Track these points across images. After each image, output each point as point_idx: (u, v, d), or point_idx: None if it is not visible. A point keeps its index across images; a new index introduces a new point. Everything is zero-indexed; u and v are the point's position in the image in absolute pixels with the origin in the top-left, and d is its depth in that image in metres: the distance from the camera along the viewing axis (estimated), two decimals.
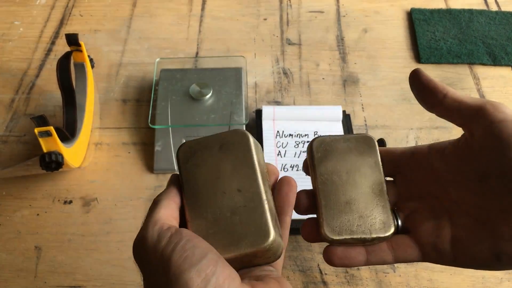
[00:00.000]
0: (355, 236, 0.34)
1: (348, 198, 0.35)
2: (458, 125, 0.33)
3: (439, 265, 0.55)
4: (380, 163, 0.37)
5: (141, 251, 0.30)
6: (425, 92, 0.34)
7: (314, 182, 0.37)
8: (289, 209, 0.35)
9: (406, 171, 0.37)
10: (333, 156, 0.37)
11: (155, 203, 0.33)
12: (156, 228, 0.30)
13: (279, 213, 0.35)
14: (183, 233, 0.30)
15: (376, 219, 0.34)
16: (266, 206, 0.32)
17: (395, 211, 0.36)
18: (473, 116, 0.32)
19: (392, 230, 0.34)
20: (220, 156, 0.34)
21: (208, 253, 0.29)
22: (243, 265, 0.33)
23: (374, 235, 0.34)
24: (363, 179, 0.36)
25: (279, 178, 0.36)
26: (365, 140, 0.37)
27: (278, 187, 0.35)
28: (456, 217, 0.33)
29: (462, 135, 0.33)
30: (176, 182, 0.35)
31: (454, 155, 0.33)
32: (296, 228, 0.57)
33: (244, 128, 0.66)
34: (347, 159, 0.36)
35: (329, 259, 0.34)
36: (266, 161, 0.36)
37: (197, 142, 0.35)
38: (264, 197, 0.32)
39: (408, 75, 0.35)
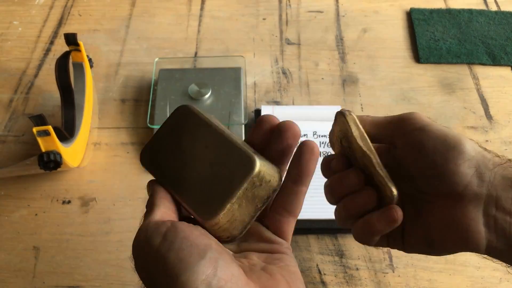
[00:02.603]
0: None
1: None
2: (385, 143, 0.37)
3: (438, 265, 0.55)
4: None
5: (137, 250, 0.30)
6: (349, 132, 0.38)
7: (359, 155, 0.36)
8: (307, 179, 0.34)
9: None
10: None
11: (149, 206, 0.32)
12: (151, 225, 0.29)
13: (294, 181, 0.34)
14: (178, 228, 0.28)
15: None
16: (237, 142, 0.32)
17: None
18: (394, 129, 0.36)
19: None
20: (176, 137, 0.34)
21: (207, 252, 0.27)
22: (256, 204, 0.32)
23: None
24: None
25: (299, 141, 0.34)
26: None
27: (298, 152, 0.33)
28: (405, 205, 0.36)
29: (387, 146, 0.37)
30: (157, 184, 0.34)
31: (387, 159, 0.36)
32: (295, 229, 0.57)
33: (244, 128, 0.66)
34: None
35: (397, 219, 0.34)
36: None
37: (151, 142, 0.35)
38: (230, 138, 0.33)
39: (407, 75, 0.37)
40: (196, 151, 0.33)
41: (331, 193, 0.38)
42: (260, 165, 0.31)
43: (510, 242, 0.32)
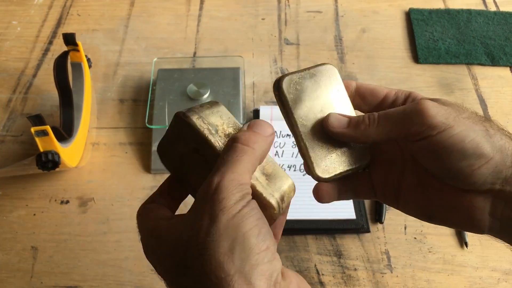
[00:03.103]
0: (342, 171, 0.35)
1: (328, 136, 0.36)
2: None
3: (436, 265, 0.55)
4: (347, 94, 0.37)
5: (217, 202, 0.28)
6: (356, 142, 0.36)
7: (293, 126, 0.35)
8: None
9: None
10: (305, 95, 0.36)
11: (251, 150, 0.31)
12: (240, 189, 0.28)
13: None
14: (255, 202, 0.29)
15: (356, 151, 0.36)
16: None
17: None
18: (404, 130, 0.33)
19: (368, 158, 0.36)
20: (178, 148, 0.34)
21: (270, 229, 0.29)
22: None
23: (355, 165, 0.36)
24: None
25: None
26: (329, 71, 0.37)
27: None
28: (407, 172, 0.36)
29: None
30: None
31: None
32: (293, 229, 0.57)
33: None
34: (319, 95, 0.36)
35: (321, 197, 0.36)
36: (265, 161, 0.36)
37: (163, 139, 0.36)
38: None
39: (406, 75, 0.36)
40: (195, 167, 0.33)
41: None
42: (277, 207, 0.32)
43: None
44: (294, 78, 0.35)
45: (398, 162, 0.37)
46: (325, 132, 0.35)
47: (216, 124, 0.33)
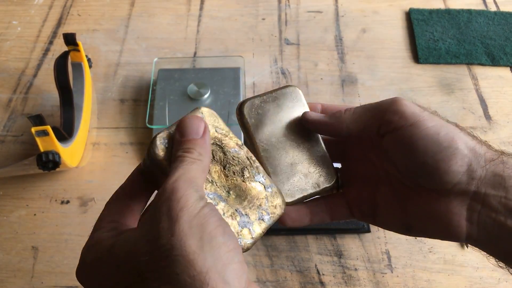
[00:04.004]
0: (306, 194, 0.35)
1: (291, 160, 0.36)
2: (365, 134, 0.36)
3: (436, 265, 0.55)
4: None
5: (174, 205, 0.27)
6: (331, 135, 0.37)
7: (254, 151, 0.35)
8: None
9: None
10: (266, 119, 0.36)
11: (197, 162, 0.30)
12: (198, 189, 0.28)
13: None
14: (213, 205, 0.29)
15: (321, 172, 0.36)
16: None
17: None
18: (377, 122, 0.34)
19: (335, 178, 0.37)
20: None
21: (235, 236, 0.29)
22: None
23: (322, 187, 0.36)
24: (301, 136, 0.37)
25: None
26: (292, 93, 0.37)
27: None
28: (381, 186, 0.36)
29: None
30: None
31: (377, 142, 0.36)
32: (293, 229, 0.57)
33: None
34: (281, 119, 0.36)
35: (283, 221, 0.36)
36: None
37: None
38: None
39: (406, 75, 0.36)
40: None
41: None
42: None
43: (491, 236, 0.32)
44: (256, 102, 0.36)
45: (372, 178, 0.37)
46: (288, 157, 0.36)
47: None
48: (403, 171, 0.34)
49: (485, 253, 0.33)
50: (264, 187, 0.32)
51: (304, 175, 0.36)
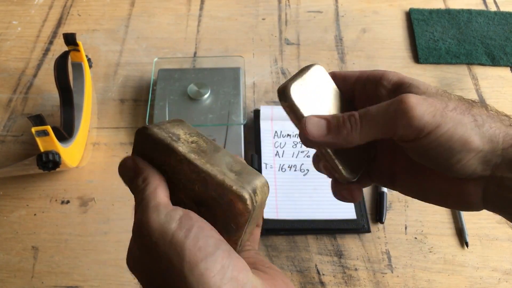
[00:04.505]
0: (363, 166, 0.36)
1: None
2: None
3: (437, 265, 0.55)
4: (338, 90, 0.37)
5: (146, 235, 0.28)
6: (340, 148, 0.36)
7: None
8: None
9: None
10: (309, 99, 0.35)
11: (147, 185, 0.31)
12: (162, 209, 0.28)
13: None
14: (193, 217, 0.28)
15: (363, 147, 0.35)
16: (214, 173, 0.31)
17: None
18: (386, 136, 0.32)
19: (375, 146, 0.37)
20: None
21: (221, 244, 0.28)
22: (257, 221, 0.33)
23: (369, 156, 0.37)
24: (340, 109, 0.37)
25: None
26: (318, 71, 0.36)
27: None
28: (399, 157, 0.36)
29: None
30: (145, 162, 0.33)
31: None
32: (293, 229, 0.57)
33: (242, 128, 0.66)
34: (320, 98, 0.35)
35: (357, 197, 0.36)
36: (264, 161, 0.35)
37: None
38: (207, 167, 0.31)
39: (407, 75, 0.35)
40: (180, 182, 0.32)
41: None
42: (249, 198, 0.30)
43: (507, 213, 0.32)
44: (296, 85, 0.34)
45: (389, 148, 0.37)
46: None
47: (178, 133, 0.32)
48: (418, 163, 0.34)
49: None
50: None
51: (356, 150, 0.35)
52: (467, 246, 0.57)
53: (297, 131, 0.66)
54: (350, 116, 0.32)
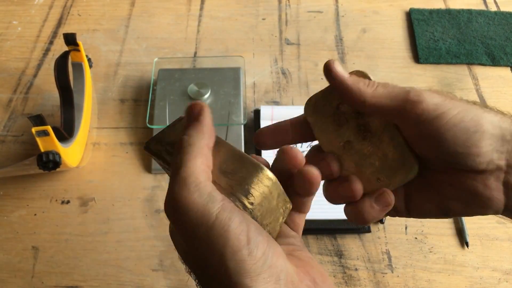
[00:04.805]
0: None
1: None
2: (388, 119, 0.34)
3: (437, 265, 0.55)
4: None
5: (183, 215, 0.26)
6: (346, 101, 0.34)
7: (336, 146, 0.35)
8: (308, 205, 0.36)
9: None
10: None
11: (191, 146, 0.28)
12: (203, 187, 0.27)
13: (301, 195, 0.34)
14: (231, 204, 0.27)
15: (376, 169, 0.35)
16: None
17: None
18: (398, 114, 0.33)
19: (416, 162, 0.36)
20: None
21: (262, 231, 0.27)
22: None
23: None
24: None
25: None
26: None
27: (298, 182, 0.33)
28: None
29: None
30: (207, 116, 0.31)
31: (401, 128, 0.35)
32: None
33: (243, 129, 0.66)
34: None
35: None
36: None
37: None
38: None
39: (407, 75, 0.36)
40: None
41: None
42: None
43: None
44: (313, 100, 0.35)
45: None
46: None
47: (175, 140, 0.32)
48: (432, 159, 0.33)
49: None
50: None
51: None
52: (467, 246, 0.57)
53: None
54: (370, 81, 0.33)
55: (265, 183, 0.30)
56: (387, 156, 0.34)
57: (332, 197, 0.36)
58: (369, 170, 0.34)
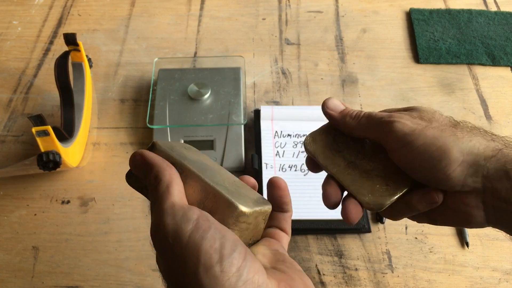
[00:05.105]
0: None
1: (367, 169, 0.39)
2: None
3: (437, 265, 0.55)
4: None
5: (162, 238, 0.28)
6: (341, 128, 0.40)
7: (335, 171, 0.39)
8: (288, 206, 0.37)
9: None
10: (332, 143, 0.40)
11: (159, 183, 0.30)
12: (177, 209, 0.28)
13: (281, 210, 0.37)
14: (209, 218, 0.28)
15: (383, 178, 0.38)
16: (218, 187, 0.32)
17: None
18: (378, 140, 0.37)
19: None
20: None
21: (238, 246, 0.28)
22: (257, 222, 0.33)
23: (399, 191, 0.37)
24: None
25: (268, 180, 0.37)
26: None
27: (269, 191, 0.37)
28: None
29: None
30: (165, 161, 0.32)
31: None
32: (294, 229, 0.57)
33: (243, 128, 0.66)
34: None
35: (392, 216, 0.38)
36: (265, 161, 0.36)
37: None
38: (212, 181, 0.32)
39: (407, 75, 0.37)
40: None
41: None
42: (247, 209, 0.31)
43: (509, 223, 0.34)
44: (312, 136, 0.41)
45: None
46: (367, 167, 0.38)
47: (184, 153, 0.34)
48: (414, 176, 0.36)
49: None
50: None
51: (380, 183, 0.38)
52: (467, 246, 0.57)
53: (297, 132, 0.66)
54: (360, 111, 0.39)
55: (242, 220, 0.31)
56: (387, 166, 0.37)
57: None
58: (377, 180, 0.37)
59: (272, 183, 0.36)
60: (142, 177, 0.32)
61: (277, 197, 0.36)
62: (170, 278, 0.28)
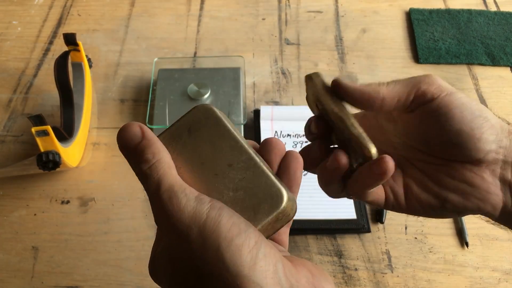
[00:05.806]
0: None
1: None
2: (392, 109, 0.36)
3: (437, 265, 0.55)
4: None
5: (176, 224, 0.26)
6: (364, 105, 0.35)
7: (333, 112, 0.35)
8: (297, 189, 0.33)
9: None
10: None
11: (159, 161, 0.29)
12: (189, 192, 0.27)
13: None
14: (220, 203, 0.28)
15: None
16: (265, 168, 0.30)
17: None
18: (410, 96, 0.35)
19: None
20: (194, 141, 0.31)
21: (251, 225, 0.27)
22: (267, 234, 0.30)
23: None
24: None
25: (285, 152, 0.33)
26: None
27: (285, 163, 0.33)
28: (406, 169, 0.37)
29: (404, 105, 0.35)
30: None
31: (400, 120, 0.37)
32: (293, 229, 0.57)
33: (242, 128, 0.66)
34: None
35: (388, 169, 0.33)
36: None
37: (163, 137, 0.32)
38: (257, 159, 0.30)
39: (407, 75, 0.36)
40: (216, 167, 0.30)
41: (305, 164, 0.36)
42: (287, 200, 0.29)
43: None
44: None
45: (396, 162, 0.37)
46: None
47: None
48: (435, 144, 0.34)
49: None
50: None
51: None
52: (467, 246, 0.57)
53: (296, 132, 0.66)
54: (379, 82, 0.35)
55: (279, 221, 0.30)
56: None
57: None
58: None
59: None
60: (131, 149, 0.30)
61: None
62: (184, 268, 0.27)
